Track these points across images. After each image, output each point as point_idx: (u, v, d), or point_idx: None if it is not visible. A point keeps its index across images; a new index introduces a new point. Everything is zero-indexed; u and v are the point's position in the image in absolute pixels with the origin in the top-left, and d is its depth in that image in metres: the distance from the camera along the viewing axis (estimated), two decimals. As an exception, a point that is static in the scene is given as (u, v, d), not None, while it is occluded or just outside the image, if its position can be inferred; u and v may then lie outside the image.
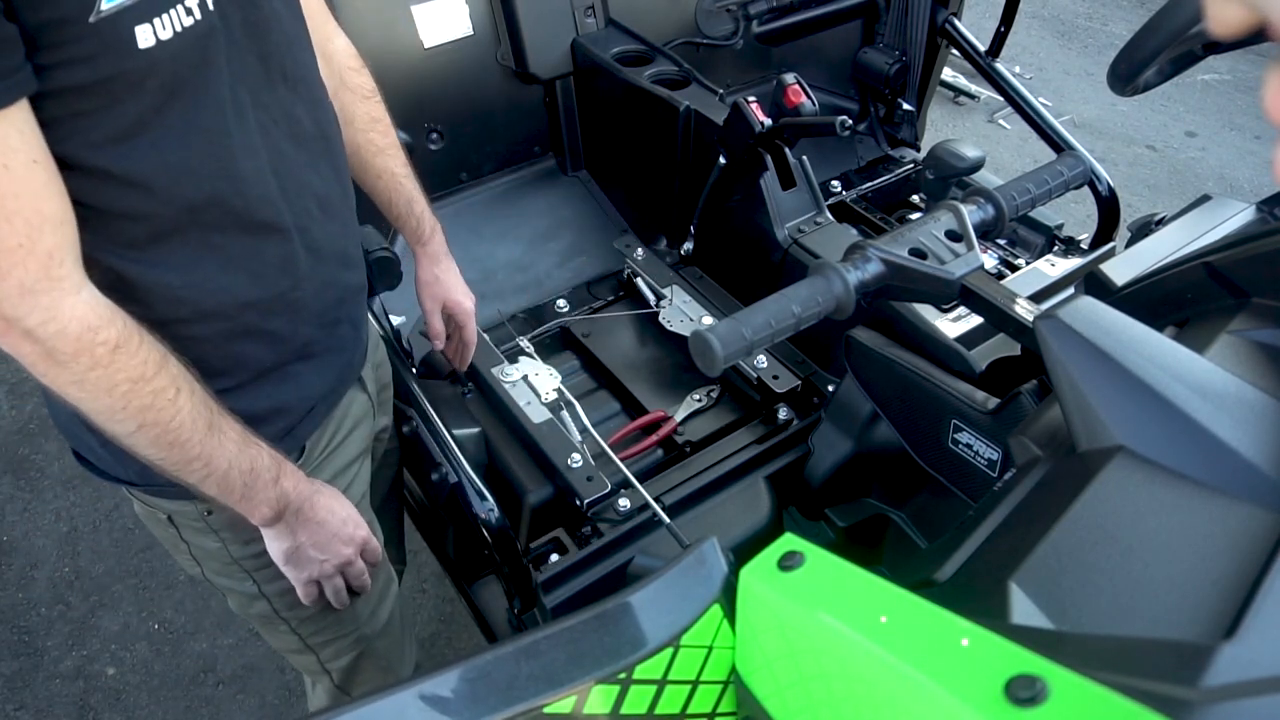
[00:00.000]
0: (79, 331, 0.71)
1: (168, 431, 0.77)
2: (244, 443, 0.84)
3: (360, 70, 1.10)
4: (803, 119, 1.37)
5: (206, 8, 0.71)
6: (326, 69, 1.01)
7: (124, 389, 0.74)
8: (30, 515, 2.31)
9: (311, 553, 0.95)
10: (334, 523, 0.95)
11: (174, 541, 1.03)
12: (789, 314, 0.84)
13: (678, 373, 1.47)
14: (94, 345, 0.72)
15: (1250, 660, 0.41)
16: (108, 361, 0.72)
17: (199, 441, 0.79)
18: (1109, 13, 4.55)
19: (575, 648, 0.54)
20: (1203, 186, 3.36)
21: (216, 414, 0.81)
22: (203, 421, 0.79)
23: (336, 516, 0.95)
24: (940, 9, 1.87)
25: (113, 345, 0.73)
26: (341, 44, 1.08)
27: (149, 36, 0.67)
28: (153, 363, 0.75)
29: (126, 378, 0.74)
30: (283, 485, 0.88)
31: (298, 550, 0.94)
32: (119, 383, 0.74)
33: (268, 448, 0.87)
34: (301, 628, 1.11)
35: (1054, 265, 1.43)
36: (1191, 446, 0.58)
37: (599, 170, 1.94)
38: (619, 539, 1.15)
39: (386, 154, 1.14)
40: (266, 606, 1.08)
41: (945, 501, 1.08)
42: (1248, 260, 0.76)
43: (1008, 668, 0.43)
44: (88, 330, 0.71)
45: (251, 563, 1.02)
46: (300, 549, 0.95)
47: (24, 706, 1.93)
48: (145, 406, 0.75)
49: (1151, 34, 0.90)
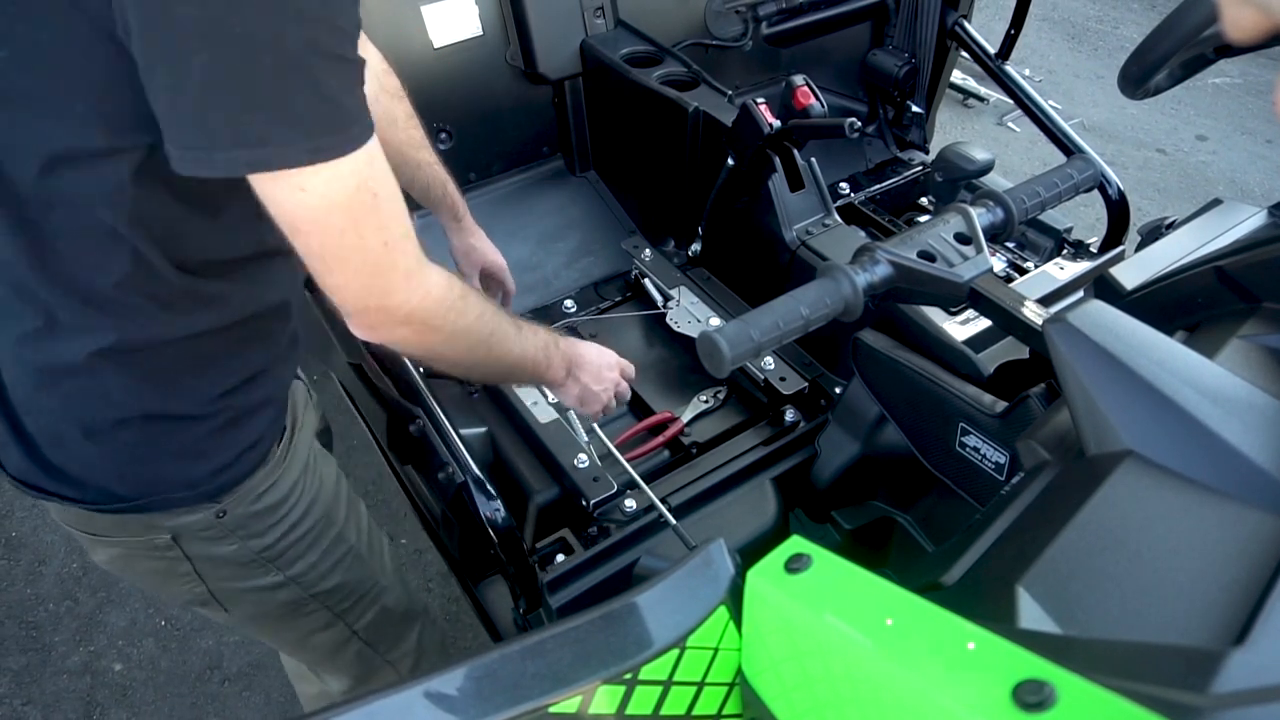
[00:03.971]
0: (441, 294, 0.82)
1: (502, 342, 0.93)
2: (531, 329, 1.01)
3: (390, 73, 1.19)
4: (811, 121, 1.37)
5: None
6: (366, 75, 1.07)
7: (476, 325, 0.88)
8: (39, 511, 2.32)
9: (594, 388, 1.13)
10: (599, 361, 1.14)
11: (167, 569, 1.00)
12: (797, 316, 0.84)
13: (685, 374, 1.47)
14: (453, 299, 0.84)
15: (1260, 666, 0.41)
16: (462, 308, 0.85)
17: (515, 340, 0.96)
18: (1120, 16, 4.53)
19: (581, 648, 0.54)
20: (1213, 190, 3.35)
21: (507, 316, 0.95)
22: (509, 324, 0.95)
23: (598, 354, 1.14)
24: (950, 11, 1.87)
25: (459, 293, 0.85)
26: (373, 51, 1.16)
27: None
28: (471, 296, 0.88)
29: (476, 314, 0.87)
30: (560, 346, 1.06)
31: (584, 391, 1.12)
32: (472, 320, 0.87)
33: (537, 325, 1.03)
34: (330, 599, 1.13)
35: (1063, 269, 1.42)
36: (1201, 451, 0.58)
37: (607, 171, 1.95)
38: (625, 540, 1.15)
39: (424, 146, 1.26)
40: (293, 591, 1.08)
41: (952, 505, 1.07)
42: (1259, 265, 0.76)
43: (1015, 672, 0.43)
44: (446, 290, 0.83)
45: (271, 551, 1.03)
46: (585, 389, 1.12)
47: (31, 701, 1.94)
48: (491, 331, 0.90)
49: (1163, 37, 0.89)
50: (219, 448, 0.92)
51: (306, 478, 1.05)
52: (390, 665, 1.28)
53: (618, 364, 1.17)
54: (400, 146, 1.21)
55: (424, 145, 1.25)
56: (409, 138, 1.22)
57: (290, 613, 1.12)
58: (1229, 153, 3.55)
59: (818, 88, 1.39)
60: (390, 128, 1.18)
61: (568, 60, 1.78)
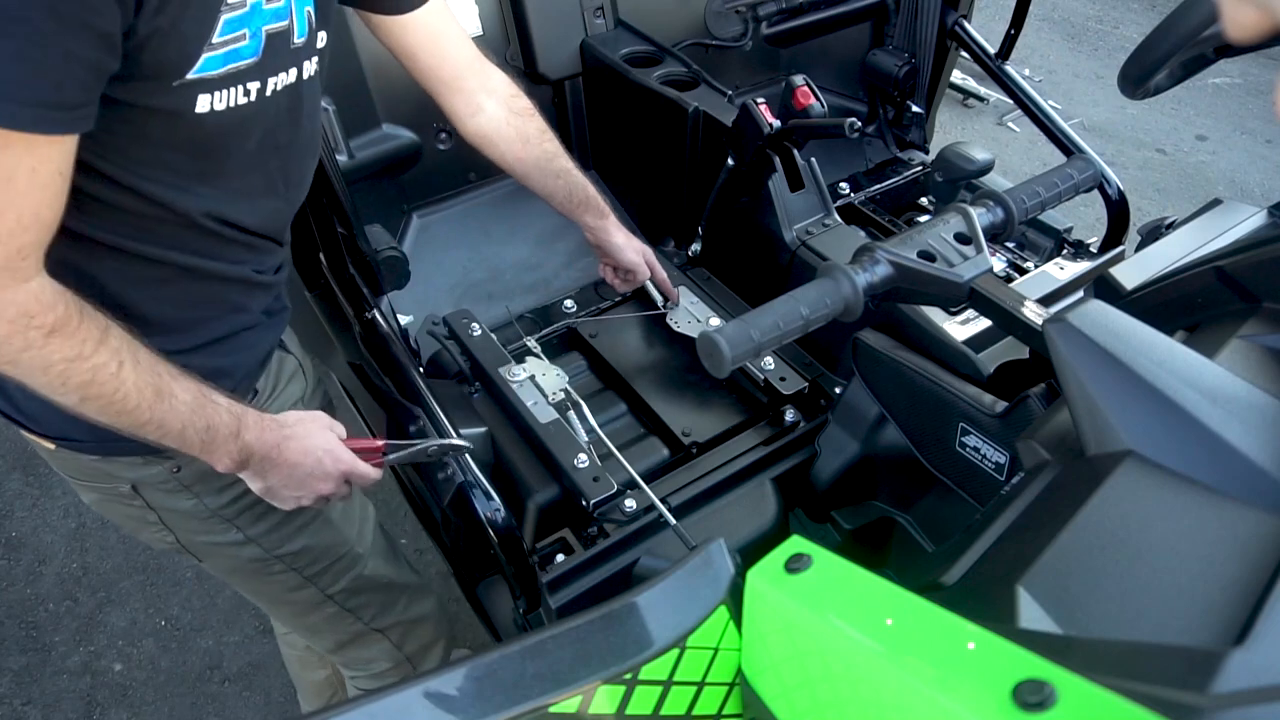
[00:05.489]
0: (14, 317, 0.74)
1: (113, 403, 0.82)
2: (199, 404, 0.88)
3: (518, 95, 1.24)
4: (811, 121, 1.37)
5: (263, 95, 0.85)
6: (493, 102, 1.20)
7: (60, 368, 0.78)
8: (39, 511, 2.32)
9: (285, 492, 1.00)
10: (308, 464, 0.99)
11: (139, 516, 1.06)
12: (797, 316, 0.84)
13: (685, 374, 1.47)
14: (27, 330, 0.75)
15: (1261, 666, 0.41)
16: (41, 344, 0.76)
17: (148, 408, 0.84)
18: (1119, 15, 4.53)
19: (581, 648, 0.54)
20: (1213, 190, 3.35)
21: (168, 378, 0.85)
22: (150, 390, 0.83)
23: (311, 457, 0.99)
24: (950, 11, 1.87)
25: (48, 330, 0.76)
26: (499, 77, 1.22)
27: (206, 105, 0.80)
28: (91, 340, 0.79)
29: (62, 357, 0.77)
30: (244, 439, 0.92)
31: (270, 490, 1.00)
32: (54, 362, 0.77)
33: (226, 403, 0.91)
34: (296, 561, 1.15)
35: (1063, 269, 1.42)
36: (1201, 451, 0.58)
37: (607, 171, 1.95)
38: (625, 540, 1.15)
39: (559, 157, 1.29)
40: (256, 550, 1.12)
41: (952, 505, 1.07)
42: (1259, 265, 0.76)
43: (1015, 672, 0.43)
44: (23, 315, 0.75)
45: (230, 510, 1.07)
46: (273, 489, 1.00)
47: (31, 701, 1.94)
48: (86, 382, 0.80)
49: (1164, 37, 0.89)
50: None
51: None
52: (380, 633, 1.32)
53: (339, 475, 1.02)
54: (536, 161, 1.26)
55: (558, 155, 1.29)
56: (543, 152, 1.27)
57: (258, 571, 1.15)
58: (1229, 153, 3.55)
59: (818, 88, 1.39)
60: (524, 146, 1.24)
61: (568, 60, 1.78)
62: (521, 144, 1.23)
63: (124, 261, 0.88)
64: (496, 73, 1.21)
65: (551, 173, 1.29)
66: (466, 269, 1.79)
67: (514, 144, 1.23)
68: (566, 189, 1.31)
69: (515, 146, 1.23)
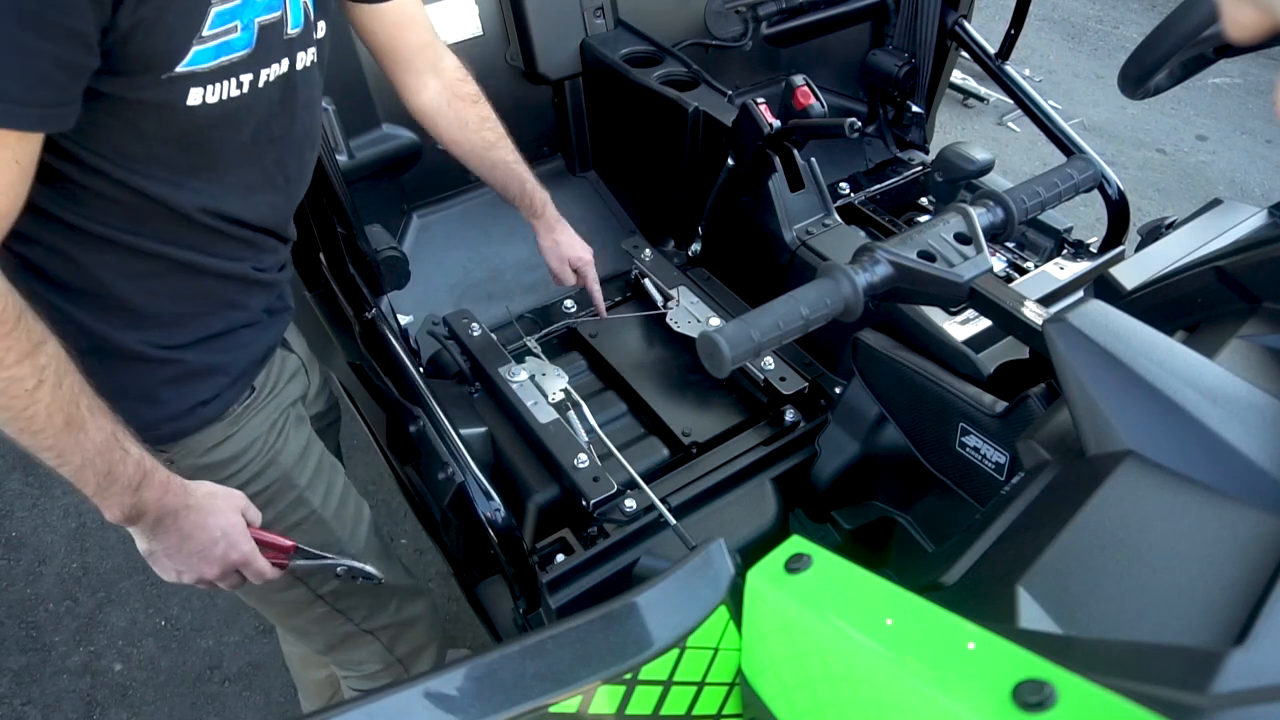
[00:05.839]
0: None
1: (18, 418, 0.78)
2: (107, 446, 0.84)
3: (466, 80, 1.26)
4: (811, 121, 1.37)
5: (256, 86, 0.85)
6: (438, 84, 1.22)
7: None
8: (39, 511, 2.32)
9: (166, 561, 0.95)
10: (199, 541, 0.94)
11: None
12: (797, 316, 0.84)
13: (685, 374, 1.47)
14: None
15: (1261, 666, 0.41)
16: None
17: (52, 434, 0.80)
18: (1119, 15, 4.53)
19: (581, 648, 0.54)
20: (1213, 190, 3.35)
21: (84, 411, 0.82)
22: (60, 418, 0.79)
23: (205, 534, 0.94)
24: (950, 11, 1.87)
25: None
26: (450, 62, 1.24)
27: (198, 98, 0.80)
28: (16, 351, 0.75)
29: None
30: (142, 495, 0.87)
31: (151, 554, 0.95)
32: None
33: (137, 455, 0.87)
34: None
35: (1063, 269, 1.42)
36: (1201, 451, 0.58)
37: (607, 171, 1.95)
38: (625, 540, 1.15)
39: (498, 147, 1.31)
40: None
41: (952, 505, 1.07)
42: (1259, 265, 0.76)
43: (1015, 672, 0.43)
44: None
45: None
46: (154, 554, 0.95)
47: (31, 701, 1.94)
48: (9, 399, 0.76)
49: (1164, 37, 0.89)
50: (172, 397, 0.97)
51: (268, 439, 1.08)
52: (371, 635, 1.31)
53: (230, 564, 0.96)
54: (474, 148, 1.29)
55: (498, 146, 1.31)
56: (481, 139, 1.28)
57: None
58: (1229, 153, 3.55)
59: (818, 88, 1.39)
60: (462, 129, 1.26)
61: (568, 60, 1.78)
62: (460, 127, 1.26)
63: (118, 253, 0.88)
64: (449, 57, 1.24)
65: (489, 162, 1.31)
66: (466, 269, 1.79)
67: (452, 125, 1.25)
68: (503, 181, 1.34)
69: (454, 128, 1.26)
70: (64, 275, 0.87)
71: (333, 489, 1.19)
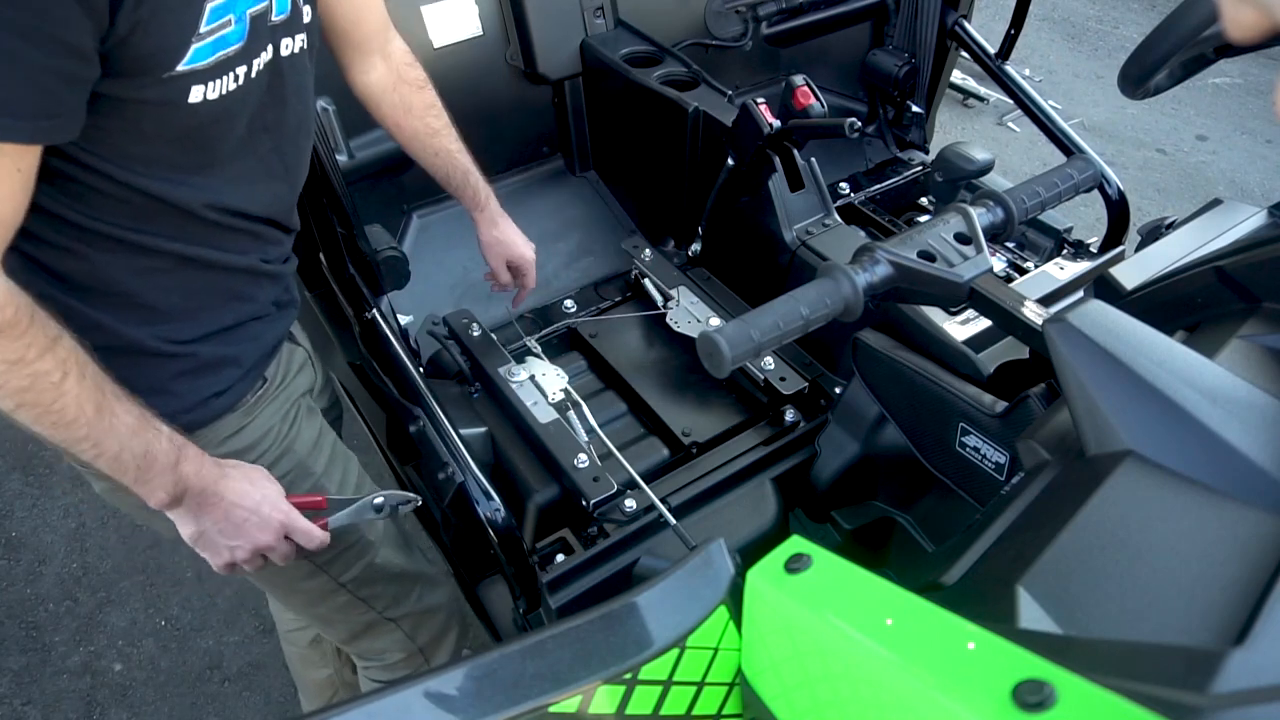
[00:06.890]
0: None
1: (49, 412, 0.79)
2: (140, 427, 0.85)
3: (414, 65, 1.26)
4: (811, 121, 1.37)
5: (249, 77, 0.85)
6: (385, 67, 1.22)
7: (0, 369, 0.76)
8: (39, 511, 2.32)
9: (219, 539, 0.95)
10: (246, 505, 0.94)
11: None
12: (797, 316, 0.84)
13: (685, 374, 1.47)
14: None
15: (1260, 666, 0.41)
16: None
17: (85, 423, 0.81)
18: (1119, 15, 4.53)
19: (581, 647, 0.54)
20: (1213, 190, 3.35)
21: (111, 397, 0.83)
22: (90, 405, 0.81)
23: (249, 499, 0.95)
24: (950, 11, 1.87)
25: None
26: (399, 45, 1.24)
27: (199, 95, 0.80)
28: (37, 347, 0.77)
29: (2, 359, 0.75)
30: (182, 469, 0.89)
31: (203, 535, 0.95)
32: None
33: (168, 433, 0.88)
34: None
35: (1063, 269, 1.42)
36: (1201, 451, 0.58)
37: (607, 171, 1.95)
38: (625, 540, 1.15)
39: (441, 135, 1.30)
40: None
41: (952, 505, 1.07)
42: (1259, 265, 0.76)
43: (1015, 672, 0.43)
44: None
45: None
46: (206, 534, 0.95)
47: (31, 701, 1.94)
48: (23, 388, 0.77)
49: (1164, 37, 0.89)
50: (185, 390, 0.98)
51: (281, 429, 1.09)
52: (393, 623, 1.31)
53: (277, 526, 0.97)
54: (415, 133, 1.28)
55: (441, 134, 1.29)
56: (425, 126, 1.27)
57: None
58: (1229, 153, 3.55)
59: (818, 88, 1.39)
60: (406, 114, 1.25)
61: (568, 60, 1.78)
62: (404, 112, 1.25)
63: (127, 251, 0.88)
64: (399, 43, 1.24)
65: (430, 149, 1.30)
66: (466, 269, 1.80)
67: (396, 109, 1.25)
68: (444, 170, 1.33)
69: (397, 113, 1.25)
70: (75, 274, 0.87)
71: (348, 476, 1.20)
